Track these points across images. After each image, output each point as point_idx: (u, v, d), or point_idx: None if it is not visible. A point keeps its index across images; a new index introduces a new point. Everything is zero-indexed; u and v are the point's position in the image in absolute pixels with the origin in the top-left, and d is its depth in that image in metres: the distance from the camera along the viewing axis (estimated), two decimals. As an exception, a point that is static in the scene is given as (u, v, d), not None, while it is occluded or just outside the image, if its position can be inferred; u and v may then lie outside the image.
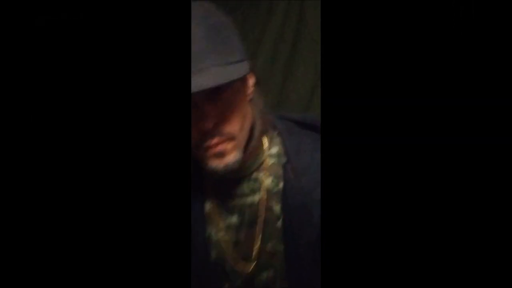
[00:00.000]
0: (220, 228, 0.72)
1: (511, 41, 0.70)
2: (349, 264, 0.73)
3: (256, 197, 0.73)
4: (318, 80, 1.99)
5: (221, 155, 0.66)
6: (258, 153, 0.73)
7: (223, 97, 0.67)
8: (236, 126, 0.68)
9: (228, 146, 0.67)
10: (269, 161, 0.74)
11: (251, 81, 0.71)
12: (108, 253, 0.71)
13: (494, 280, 0.70)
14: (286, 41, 2.07)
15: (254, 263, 0.72)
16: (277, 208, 0.72)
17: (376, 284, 0.73)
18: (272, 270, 0.72)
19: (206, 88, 0.62)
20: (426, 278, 0.72)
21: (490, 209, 0.70)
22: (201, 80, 0.62)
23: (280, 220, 0.72)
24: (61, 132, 0.73)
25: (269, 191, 0.73)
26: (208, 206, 0.74)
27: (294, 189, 0.72)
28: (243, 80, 0.70)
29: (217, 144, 0.66)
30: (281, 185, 0.73)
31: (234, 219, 0.73)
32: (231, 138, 0.67)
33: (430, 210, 0.72)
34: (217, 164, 0.67)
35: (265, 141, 0.74)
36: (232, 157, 0.67)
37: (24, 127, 0.73)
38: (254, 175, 0.74)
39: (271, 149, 0.75)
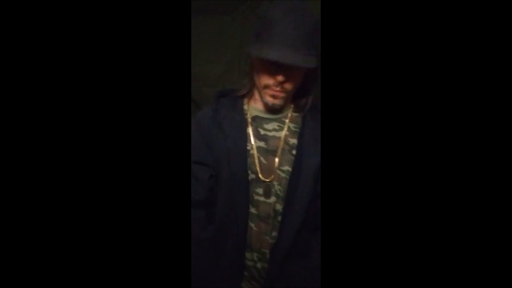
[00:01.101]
0: (253, 147, 1.08)
1: (511, 41, 0.70)
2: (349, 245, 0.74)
3: (279, 133, 1.10)
4: (318, 79, 1.99)
5: (274, 97, 1.08)
6: (291, 108, 1.14)
7: (296, 71, 1.06)
8: (292, 87, 1.08)
9: (281, 94, 1.07)
10: (294, 114, 1.14)
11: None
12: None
13: (494, 280, 0.70)
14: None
15: (273, 176, 1.07)
16: (293, 141, 1.10)
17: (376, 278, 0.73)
18: (282, 185, 1.07)
19: (290, 64, 1.01)
20: (425, 265, 0.72)
21: (490, 208, 0.71)
22: (290, 57, 0.99)
23: (294, 150, 1.09)
24: (68, 122, 0.74)
25: (290, 130, 1.11)
26: (249, 129, 1.10)
27: (310, 130, 1.10)
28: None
29: (276, 90, 1.06)
30: (299, 128, 1.11)
31: (262, 143, 1.09)
32: (286, 92, 1.07)
33: (429, 206, 0.72)
34: (269, 100, 1.08)
35: (300, 103, 1.15)
36: (279, 101, 1.08)
37: (25, 128, 0.73)
38: (283, 119, 1.12)
39: (298, 107, 1.15)
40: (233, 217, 1.06)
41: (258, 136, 1.10)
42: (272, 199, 1.07)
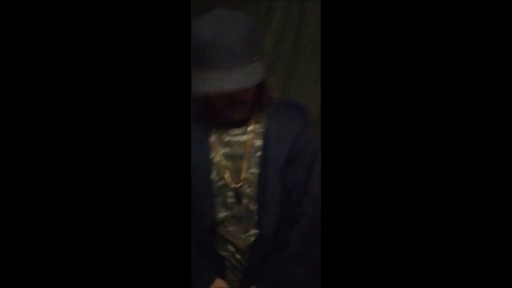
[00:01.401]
0: (219, 155, 1.09)
1: (511, 41, 0.70)
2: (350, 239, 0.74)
3: (244, 137, 1.09)
4: (318, 79, 2.00)
5: (238, 111, 1.05)
6: (255, 113, 1.11)
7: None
8: (251, 96, 1.04)
9: (243, 107, 1.05)
10: (259, 114, 1.11)
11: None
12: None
13: (494, 280, 0.70)
14: (286, 41, 2.07)
15: (242, 180, 1.08)
16: (259, 143, 1.09)
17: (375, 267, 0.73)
18: (252, 187, 1.09)
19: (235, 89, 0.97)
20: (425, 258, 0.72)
21: (489, 208, 0.71)
22: (233, 82, 0.95)
23: (260, 152, 1.08)
24: (72, 122, 0.74)
25: (254, 132, 1.10)
26: (212, 138, 1.09)
27: (275, 128, 1.09)
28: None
29: (236, 105, 1.03)
30: (264, 129, 1.10)
31: (228, 149, 1.09)
32: (246, 104, 1.04)
33: (429, 207, 0.73)
34: (233, 115, 1.05)
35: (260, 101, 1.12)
36: (242, 112, 1.06)
37: (26, 128, 0.73)
38: (247, 122, 1.10)
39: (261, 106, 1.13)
40: (203, 223, 1.09)
41: (222, 143, 1.09)
42: (245, 201, 1.09)
